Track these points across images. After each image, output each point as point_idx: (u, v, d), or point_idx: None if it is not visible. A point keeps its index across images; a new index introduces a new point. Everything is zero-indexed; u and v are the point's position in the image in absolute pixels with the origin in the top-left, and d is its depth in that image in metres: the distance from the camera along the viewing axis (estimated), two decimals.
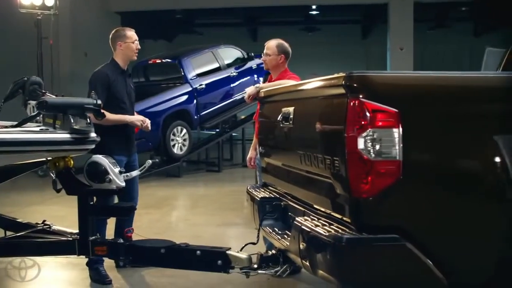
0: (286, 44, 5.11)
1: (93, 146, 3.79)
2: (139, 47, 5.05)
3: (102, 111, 3.83)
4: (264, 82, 12.21)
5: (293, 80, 4.75)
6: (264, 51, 5.11)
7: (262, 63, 14.24)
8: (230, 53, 13.40)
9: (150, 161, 4.28)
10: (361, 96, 2.56)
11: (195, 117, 12.12)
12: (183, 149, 11.76)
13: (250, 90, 4.80)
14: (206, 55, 12.79)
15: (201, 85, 12.17)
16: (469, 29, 22.49)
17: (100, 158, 3.99)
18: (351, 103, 2.58)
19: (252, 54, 13.59)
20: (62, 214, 6.93)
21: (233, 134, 15.30)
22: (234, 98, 12.96)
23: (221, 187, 10.87)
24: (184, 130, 11.75)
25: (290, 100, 3.57)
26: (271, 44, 5.09)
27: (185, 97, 11.90)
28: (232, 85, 12.93)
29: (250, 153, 5.29)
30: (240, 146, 15.24)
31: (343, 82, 2.63)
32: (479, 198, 2.61)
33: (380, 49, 20.18)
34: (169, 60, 12.56)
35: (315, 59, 21.96)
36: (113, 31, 5.09)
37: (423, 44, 20.76)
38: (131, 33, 5.02)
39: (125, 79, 5.06)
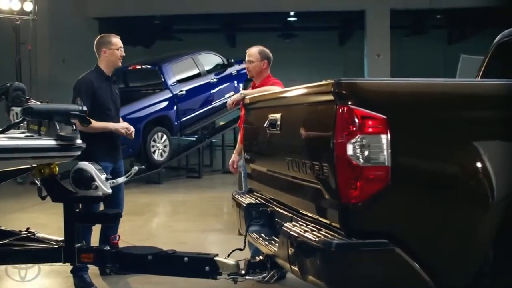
0: (267, 50, 5.18)
1: (79, 153, 3.77)
2: (123, 53, 5.05)
3: (87, 118, 3.82)
4: (245, 88, 12.33)
5: (278, 86, 4.79)
6: (247, 59, 5.15)
7: (242, 69, 14.24)
8: (210, 59, 13.44)
9: (136, 168, 4.26)
10: (350, 103, 2.58)
11: (176, 123, 12.11)
12: (164, 156, 11.72)
13: (235, 96, 4.84)
14: (186, 61, 12.82)
15: (181, 91, 12.18)
16: (444, 36, 22.86)
17: (86, 165, 3.96)
18: (340, 110, 2.61)
19: (232, 60, 13.64)
20: (43, 222, 6.87)
21: (213, 140, 15.30)
22: (214, 104, 12.99)
23: (201, 193, 10.85)
24: (165, 136, 11.73)
25: (277, 107, 3.59)
26: (253, 51, 5.13)
27: (165, 103, 11.89)
28: (212, 91, 12.97)
29: (233, 157, 5.29)
30: (220, 152, 15.23)
31: (332, 89, 2.66)
32: (465, 203, 2.65)
33: (357, 55, 20.30)
34: (149, 66, 12.52)
35: (293, 66, 22.05)
36: (98, 38, 5.07)
37: (399, 50, 20.98)
38: (116, 40, 5.01)
39: (110, 86, 5.05)
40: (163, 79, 12.04)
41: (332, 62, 23.48)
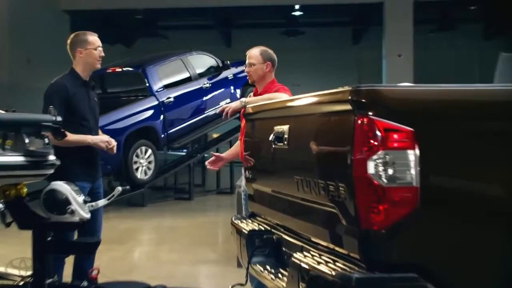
0: (270, 51, 5.21)
1: (51, 171, 3.75)
2: (102, 54, 5.05)
3: (62, 130, 3.80)
4: (243, 95, 12.38)
5: (284, 94, 4.82)
6: (247, 61, 5.18)
7: (239, 72, 14.39)
8: (202, 61, 13.55)
9: (120, 188, 4.24)
10: (370, 113, 2.59)
11: (162, 135, 12.21)
12: (148, 173, 11.81)
13: (234, 104, 4.84)
14: (174, 63, 12.96)
15: (168, 98, 12.32)
16: (478, 31, 22.65)
17: (60, 185, 3.93)
18: (359, 121, 2.61)
19: (228, 62, 13.73)
20: (3, 253, 6.85)
21: (206, 155, 15.27)
22: (207, 114, 13.07)
23: (192, 217, 10.86)
24: (149, 151, 11.80)
25: (285, 117, 3.58)
26: (254, 52, 5.17)
27: (150, 112, 11.99)
28: (205, 98, 13.08)
29: (219, 154, 5.29)
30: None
31: (350, 97, 2.66)
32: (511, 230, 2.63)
33: (374, 55, 20.49)
34: (131, 69, 12.63)
35: (298, 68, 22.28)
36: (72, 36, 5.08)
37: (425, 49, 20.96)
38: (93, 38, 5.01)
39: (88, 92, 5.06)
40: (147, 84, 12.17)
41: (344, 64, 23.78)
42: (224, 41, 24.28)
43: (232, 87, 13.58)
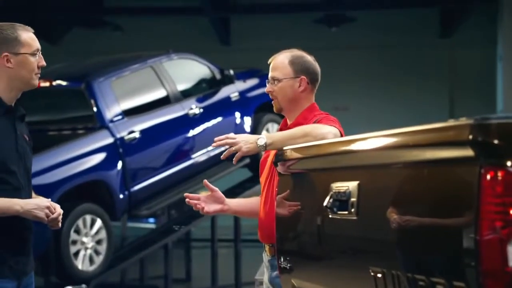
0: (308, 57, 3.79)
1: None
2: (43, 63, 3.73)
3: None
4: (256, 126, 9.35)
5: (332, 127, 3.55)
6: (270, 75, 3.78)
7: (251, 89, 10.82)
8: (188, 70, 9.63)
9: None
10: (509, 164, 2.07)
11: (120, 195, 8.18)
12: (96, 261, 7.93)
13: (247, 145, 3.42)
14: (141, 73, 8.94)
15: (131, 132, 8.34)
16: None
17: None
18: (489, 177, 2.08)
19: (231, 71, 9.50)
20: None
21: (191, 229, 10.85)
22: (195, 159, 8.90)
23: None
24: (98, 223, 7.93)
25: (351, 169, 2.86)
26: (281, 61, 3.75)
27: (100, 157, 8.11)
28: (191, 133, 9.01)
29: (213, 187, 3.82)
30: (207, 253, 10.43)
31: (470, 135, 2.11)
32: None
33: (477, 55, 15.39)
34: (66, 83, 8.55)
35: (344, 81, 15.58)
36: None
37: None
38: (28, 36, 3.68)
39: (13, 126, 3.75)
40: (95, 109, 8.22)
41: (425, 69, 16.16)
42: (218, 35, 16.28)
43: (237, 114, 9.48)
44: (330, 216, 2.89)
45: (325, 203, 2.88)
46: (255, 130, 9.32)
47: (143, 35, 15.75)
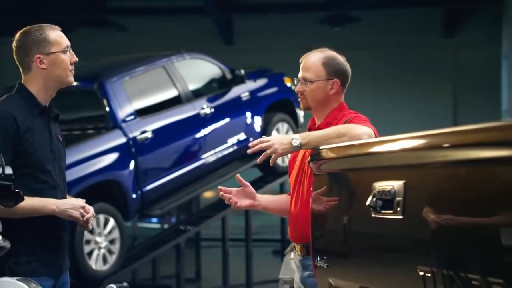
0: (340, 58, 3.71)
1: None
2: (75, 58, 3.64)
3: (16, 190, 2.97)
4: (267, 125, 9.34)
5: (365, 126, 3.51)
6: (300, 75, 3.70)
7: (261, 88, 10.64)
8: (199, 71, 9.69)
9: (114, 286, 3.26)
10: None
11: (133, 195, 8.15)
12: (109, 260, 7.93)
13: (282, 146, 3.33)
14: (153, 73, 8.94)
15: (144, 132, 8.34)
16: None
17: (11, 284, 3.08)
18: None
19: (242, 71, 9.53)
20: None
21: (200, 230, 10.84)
22: (207, 159, 8.97)
23: None
24: (111, 222, 7.93)
25: (394, 168, 2.77)
26: (313, 61, 3.67)
27: (112, 157, 8.12)
28: (203, 133, 8.96)
29: (246, 183, 3.75)
30: (218, 252, 10.25)
31: None
32: None
33: (481, 54, 15.54)
34: (79, 84, 8.03)
35: (350, 80, 16.35)
36: (19, 35, 3.60)
37: None
38: (56, 35, 3.59)
39: (48, 126, 3.65)
40: (107, 109, 8.24)
41: (430, 69, 16.16)
42: (222, 35, 16.66)
43: (248, 114, 9.50)
44: (372, 215, 2.83)
45: (367, 202, 2.82)
46: (265, 129, 9.38)
47: (147, 35, 15.75)
